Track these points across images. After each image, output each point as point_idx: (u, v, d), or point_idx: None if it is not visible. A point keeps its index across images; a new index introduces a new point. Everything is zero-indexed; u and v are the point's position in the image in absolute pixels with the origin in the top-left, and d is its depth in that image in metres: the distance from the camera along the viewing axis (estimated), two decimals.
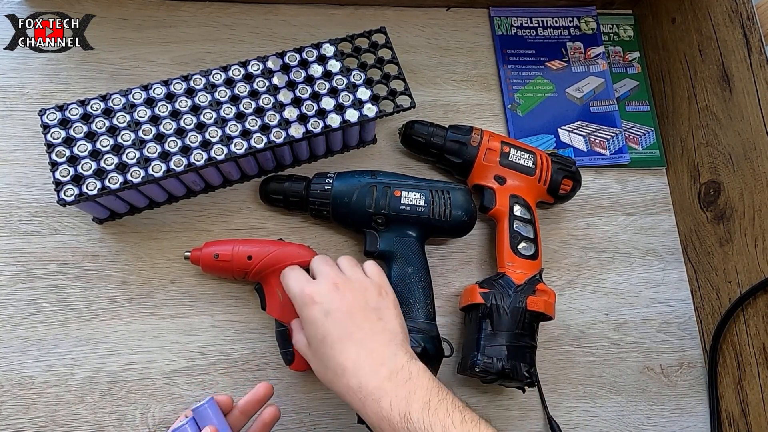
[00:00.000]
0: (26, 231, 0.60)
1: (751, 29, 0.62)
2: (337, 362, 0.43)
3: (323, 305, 0.45)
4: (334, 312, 0.45)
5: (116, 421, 0.56)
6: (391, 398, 0.40)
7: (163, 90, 0.57)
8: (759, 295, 0.61)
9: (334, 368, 0.43)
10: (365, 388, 0.41)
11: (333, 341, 0.43)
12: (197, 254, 0.58)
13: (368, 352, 0.43)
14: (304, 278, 0.49)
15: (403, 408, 0.39)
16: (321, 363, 0.45)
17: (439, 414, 0.39)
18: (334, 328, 0.44)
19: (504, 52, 0.76)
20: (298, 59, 0.61)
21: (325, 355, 0.44)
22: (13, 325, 0.57)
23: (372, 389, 0.41)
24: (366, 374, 0.42)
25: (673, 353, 0.68)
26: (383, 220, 0.59)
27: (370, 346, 0.43)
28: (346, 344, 0.43)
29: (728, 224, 0.65)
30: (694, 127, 0.70)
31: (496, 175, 0.64)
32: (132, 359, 0.58)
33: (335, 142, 0.65)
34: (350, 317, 0.44)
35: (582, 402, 0.64)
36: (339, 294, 0.46)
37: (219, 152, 0.56)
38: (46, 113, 0.55)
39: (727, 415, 0.65)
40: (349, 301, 0.46)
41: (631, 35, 0.80)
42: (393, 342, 0.44)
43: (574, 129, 0.74)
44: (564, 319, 0.66)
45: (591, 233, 0.71)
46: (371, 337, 0.44)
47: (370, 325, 0.45)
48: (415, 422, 0.39)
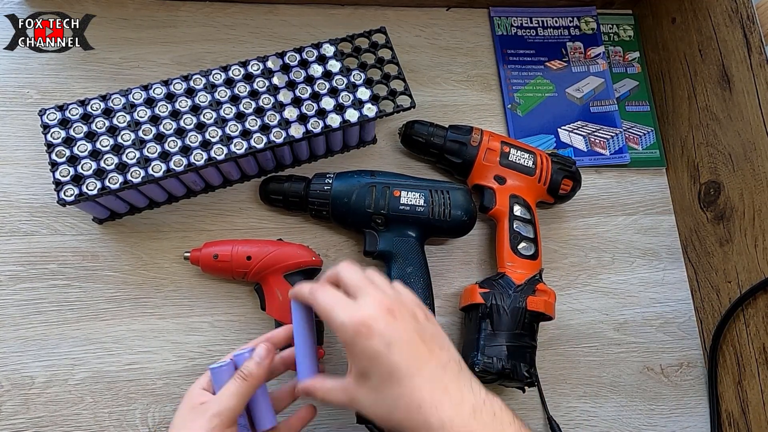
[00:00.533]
0: (26, 231, 0.60)
1: (751, 29, 0.62)
2: (411, 399, 0.38)
3: (384, 337, 0.39)
4: (398, 343, 0.39)
5: (116, 421, 0.56)
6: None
7: (163, 90, 0.57)
8: (759, 295, 0.61)
9: (406, 406, 0.38)
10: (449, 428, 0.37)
11: (401, 376, 0.38)
12: (197, 255, 0.58)
13: (443, 386, 0.39)
14: (344, 301, 0.41)
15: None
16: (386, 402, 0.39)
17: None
18: (402, 362, 0.38)
19: (504, 52, 0.76)
20: (298, 59, 0.61)
21: (392, 393, 0.39)
22: (13, 325, 0.57)
23: (458, 428, 0.37)
24: (447, 411, 0.38)
25: (673, 353, 0.68)
26: (383, 220, 0.59)
27: (444, 379, 0.39)
28: (417, 379, 0.38)
29: (728, 224, 0.65)
30: (694, 127, 0.70)
31: (496, 175, 0.64)
32: (132, 359, 0.58)
33: (335, 142, 0.65)
34: (415, 348, 0.39)
35: (582, 402, 0.64)
36: (394, 320, 0.40)
37: (219, 152, 0.56)
38: (46, 113, 0.55)
39: (727, 415, 0.65)
40: (408, 328, 0.40)
41: (631, 35, 0.80)
42: (462, 373, 0.41)
43: (574, 129, 0.74)
44: (564, 319, 0.66)
45: (591, 233, 0.71)
46: (442, 368, 0.40)
47: (436, 356, 0.40)
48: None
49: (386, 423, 0.40)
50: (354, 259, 0.64)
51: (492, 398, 0.40)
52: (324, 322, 0.42)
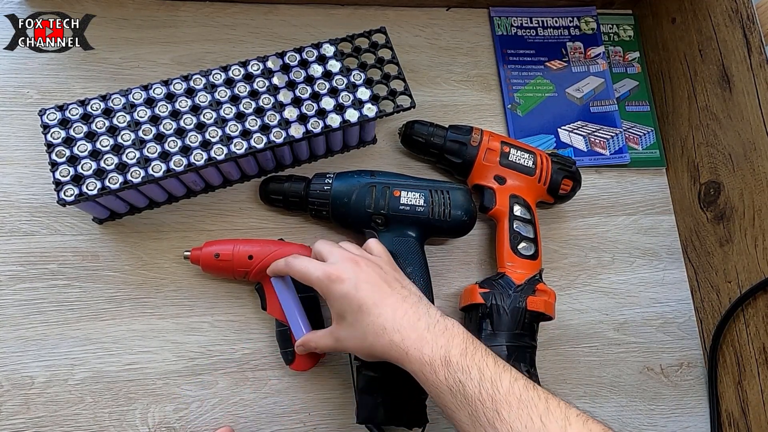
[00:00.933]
0: (26, 231, 0.60)
1: (751, 29, 0.62)
2: (377, 324, 0.46)
3: (351, 280, 0.48)
4: (363, 283, 0.48)
5: (116, 421, 0.56)
6: (432, 346, 0.44)
7: (163, 90, 0.57)
8: (759, 295, 0.61)
9: (374, 330, 0.46)
10: (408, 340, 0.45)
11: (369, 307, 0.47)
12: (197, 254, 0.58)
13: (403, 311, 0.47)
14: (316, 262, 0.51)
15: (443, 353, 0.44)
16: (358, 331, 0.47)
17: (475, 358, 0.43)
18: (368, 297, 0.47)
19: (504, 52, 0.76)
20: (298, 59, 0.61)
21: (363, 322, 0.47)
22: (13, 325, 0.57)
23: (414, 340, 0.45)
24: (406, 329, 0.46)
25: (673, 353, 0.68)
26: (383, 220, 0.59)
27: (403, 306, 0.47)
28: (381, 308, 0.47)
29: (728, 224, 0.65)
30: (694, 127, 0.70)
31: (496, 175, 0.64)
32: (132, 359, 0.58)
33: (335, 142, 0.65)
34: (378, 286, 0.48)
35: (582, 402, 0.64)
36: (360, 268, 0.49)
37: (219, 152, 0.56)
38: (46, 113, 0.55)
39: (727, 415, 0.65)
40: (371, 273, 0.49)
41: (631, 35, 0.80)
42: (421, 302, 0.49)
43: (574, 129, 0.74)
44: (564, 319, 0.66)
45: (591, 233, 0.71)
46: (402, 299, 0.48)
47: (397, 291, 0.49)
48: (455, 365, 0.43)
49: (362, 350, 0.48)
50: None
51: (446, 319, 0.47)
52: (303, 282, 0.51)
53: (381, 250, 0.54)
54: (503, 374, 0.43)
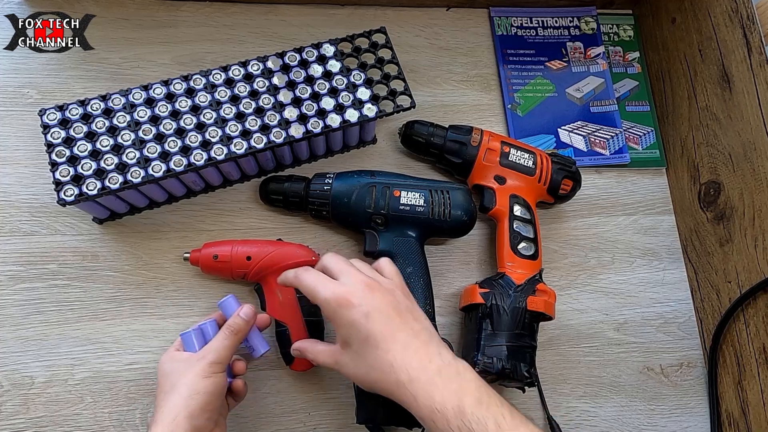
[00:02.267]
0: (26, 231, 0.60)
1: (751, 29, 0.62)
2: (384, 360, 0.43)
3: (362, 307, 0.44)
4: (374, 312, 0.44)
5: (116, 421, 0.56)
6: (443, 392, 0.41)
7: (163, 90, 0.57)
8: (759, 295, 0.61)
9: (380, 366, 0.43)
10: (417, 383, 0.42)
11: (377, 341, 0.44)
12: (196, 255, 0.58)
13: (414, 349, 0.43)
14: (327, 280, 0.47)
15: (456, 401, 0.41)
16: (363, 363, 0.44)
17: (491, 409, 0.41)
18: (377, 329, 0.44)
19: (504, 52, 0.76)
20: (298, 59, 0.61)
21: (369, 355, 0.44)
22: (13, 325, 0.57)
23: (424, 383, 0.42)
24: (416, 369, 0.42)
25: (673, 353, 0.68)
26: (382, 220, 0.59)
27: (414, 344, 0.44)
28: (390, 343, 0.43)
29: (728, 224, 0.65)
30: (694, 127, 0.70)
31: (496, 175, 0.64)
32: (132, 359, 0.58)
33: (335, 142, 0.65)
34: (390, 317, 0.45)
35: (582, 402, 0.64)
36: (372, 294, 0.45)
37: (219, 152, 0.56)
38: (46, 113, 0.55)
39: (727, 415, 0.65)
40: (384, 301, 0.45)
41: (631, 35, 0.80)
42: (433, 340, 0.45)
43: (574, 129, 0.74)
44: (564, 319, 0.66)
45: (591, 233, 0.71)
46: (414, 335, 0.44)
47: (409, 325, 0.45)
48: (469, 415, 0.40)
49: (365, 383, 0.45)
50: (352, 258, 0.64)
51: (458, 361, 0.44)
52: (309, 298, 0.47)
53: (393, 271, 0.50)
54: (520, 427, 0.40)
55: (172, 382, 0.47)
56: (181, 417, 0.45)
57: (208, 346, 0.50)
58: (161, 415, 0.45)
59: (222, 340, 0.50)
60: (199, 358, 0.49)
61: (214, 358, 0.48)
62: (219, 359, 0.49)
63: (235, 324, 0.51)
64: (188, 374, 0.47)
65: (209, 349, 0.49)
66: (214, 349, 0.49)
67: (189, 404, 0.46)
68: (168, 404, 0.46)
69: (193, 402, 0.46)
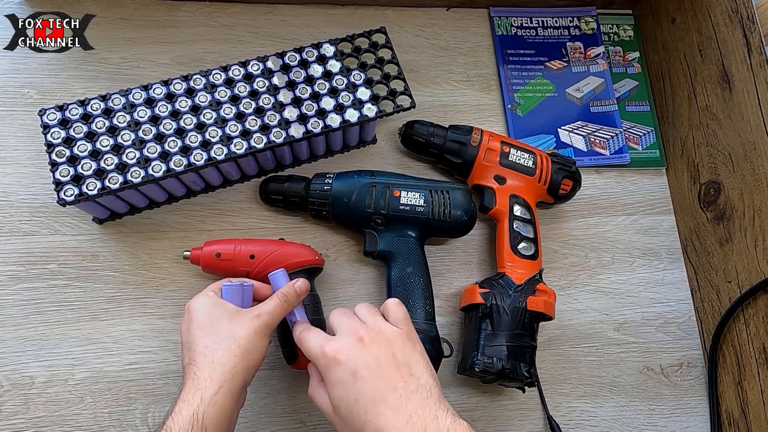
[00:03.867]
0: (26, 231, 0.60)
1: (751, 29, 0.62)
2: (375, 426, 0.39)
3: (349, 363, 0.41)
4: (362, 370, 0.41)
5: (116, 421, 0.56)
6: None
7: (163, 90, 0.57)
8: (759, 295, 0.61)
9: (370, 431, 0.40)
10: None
11: (366, 405, 0.40)
12: (197, 253, 0.57)
13: (406, 416, 0.39)
14: (322, 336, 0.45)
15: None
16: (351, 427, 0.41)
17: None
18: (366, 390, 0.40)
19: (504, 52, 0.76)
20: (298, 59, 0.61)
21: (359, 420, 0.40)
22: (13, 325, 0.57)
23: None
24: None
25: (673, 353, 0.68)
26: (382, 220, 0.59)
27: (407, 409, 0.40)
28: (380, 408, 0.40)
29: (728, 224, 0.65)
30: (694, 127, 0.70)
31: (496, 175, 0.64)
32: (132, 359, 0.58)
33: (335, 142, 0.65)
34: (380, 375, 0.41)
35: (582, 402, 0.64)
36: (364, 348, 0.42)
37: (219, 152, 0.56)
38: (46, 113, 0.55)
39: (727, 415, 0.65)
40: (376, 355, 0.42)
41: (631, 35, 0.80)
42: (430, 400, 0.41)
43: (574, 129, 0.74)
44: (564, 319, 0.66)
45: (591, 233, 0.71)
46: (407, 397, 0.40)
47: (403, 384, 0.41)
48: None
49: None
50: (354, 259, 0.64)
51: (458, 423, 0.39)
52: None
53: (399, 315, 0.46)
54: None
55: (218, 328, 0.46)
56: (239, 369, 0.44)
57: (262, 307, 0.48)
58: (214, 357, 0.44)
59: (277, 306, 0.49)
60: (255, 315, 0.47)
61: (269, 320, 0.47)
62: (272, 323, 0.48)
63: (289, 293, 0.50)
64: (244, 327, 0.46)
65: (265, 310, 0.48)
66: (270, 311, 0.48)
67: (248, 359, 0.45)
68: (220, 349, 0.44)
69: (252, 357, 0.45)
